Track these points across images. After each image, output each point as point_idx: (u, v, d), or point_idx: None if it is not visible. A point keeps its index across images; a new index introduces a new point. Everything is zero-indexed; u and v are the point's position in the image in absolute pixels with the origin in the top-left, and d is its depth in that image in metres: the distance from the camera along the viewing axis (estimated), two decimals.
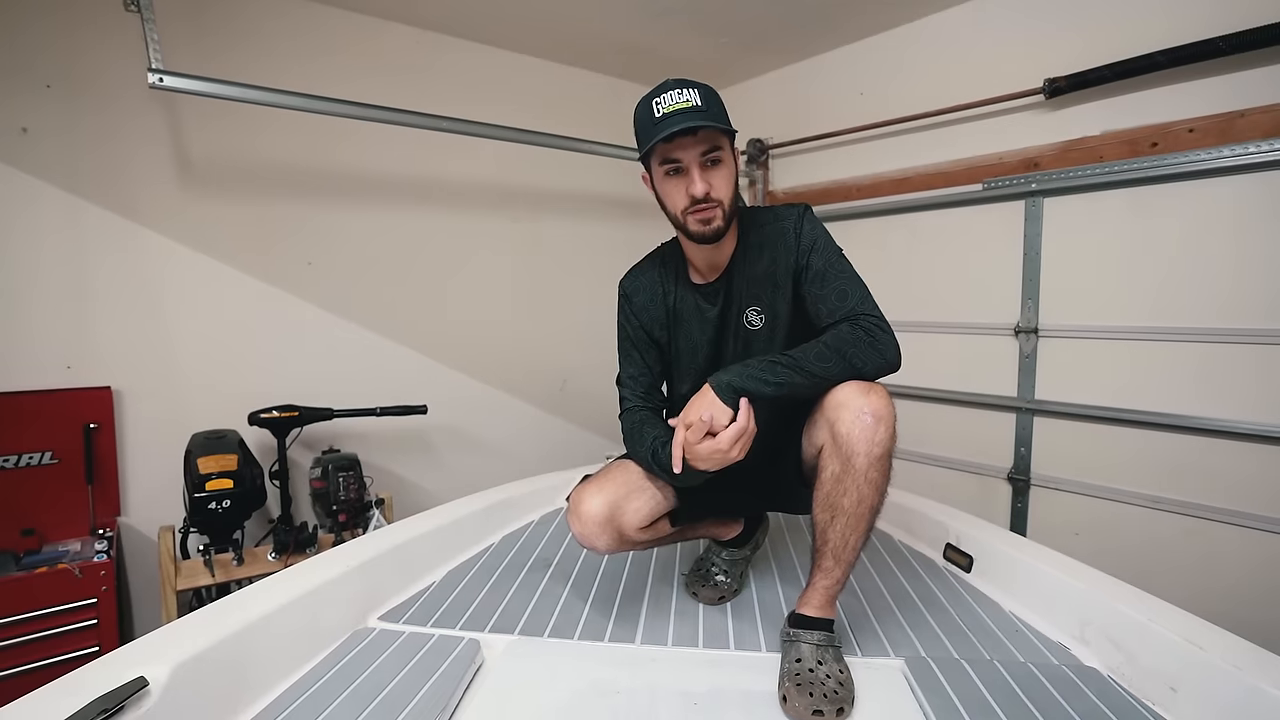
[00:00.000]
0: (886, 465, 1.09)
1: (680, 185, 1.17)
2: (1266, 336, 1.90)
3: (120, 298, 2.20)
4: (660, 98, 1.13)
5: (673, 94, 1.13)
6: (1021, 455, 2.45)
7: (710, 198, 1.15)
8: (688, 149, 1.14)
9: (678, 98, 1.12)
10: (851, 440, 1.07)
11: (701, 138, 1.13)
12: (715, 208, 1.16)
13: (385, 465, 2.74)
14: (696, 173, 1.14)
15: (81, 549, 2.00)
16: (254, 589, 1.23)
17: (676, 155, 1.14)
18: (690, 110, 1.11)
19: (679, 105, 1.11)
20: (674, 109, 1.11)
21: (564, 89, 3.17)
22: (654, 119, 1.13)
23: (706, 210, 1.16)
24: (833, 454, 1.10)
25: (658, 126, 1.12)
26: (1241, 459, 1.96)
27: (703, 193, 1.14)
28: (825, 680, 1.05)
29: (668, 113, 1.12)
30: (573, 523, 1.25)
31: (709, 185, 1.15)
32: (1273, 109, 1.86)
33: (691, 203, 1.16)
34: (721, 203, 1.16)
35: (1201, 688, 1.03)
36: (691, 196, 1.15)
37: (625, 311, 1.37)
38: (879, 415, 1.06)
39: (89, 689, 0.88)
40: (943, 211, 2.65)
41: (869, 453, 1.06)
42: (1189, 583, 2.04)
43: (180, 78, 1.90)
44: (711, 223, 1.17)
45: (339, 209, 2.62)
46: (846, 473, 1.08)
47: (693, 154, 1.14)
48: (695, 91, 1.13)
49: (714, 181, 1.15)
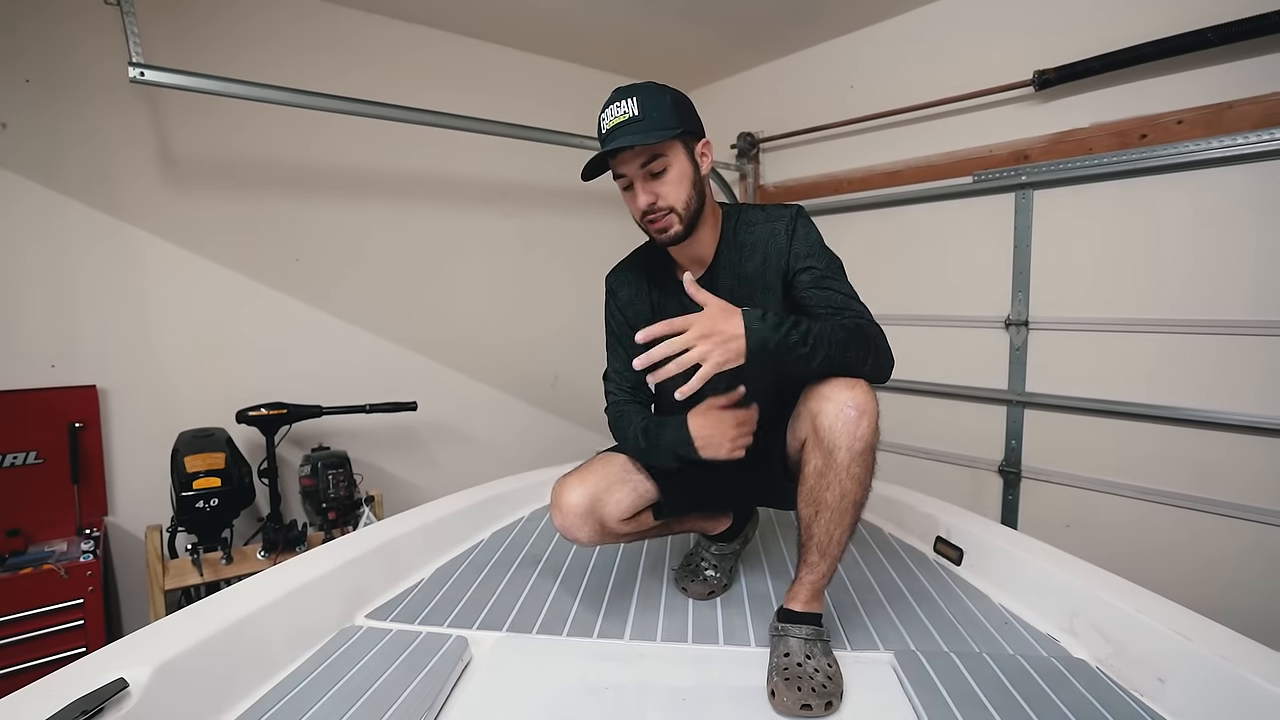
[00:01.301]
0: (870, 459, 1.09)
1: (631, 198, 1.19)
2: (1256, 328, 1.90)
3: (104, 295, 2.18)
4: (605, 112, 1.14)
5: (614, 107, 1.13)
6: (1012, 448, 2.45)
7: (657, 207, 1.16)
8: (628, 163, 1.15)
9: (616, 111, 1.12)
10: (834, 434, 1.06)
11: (638, 151, 1.13)
12: (667, 214, 1.17)
13: (375, 462, 2.72)
14: (639, 185, 1.16)
15: (68, 549, 1.98)
16: (238, 588, 1.22)
17: (621, 171, 1.17)
18: (627, 122, 1.11)
19: (618, 119, 1.12)
20: (615, 123, 1.12)
21: (553, 83, 3.15)
22: (601, 135, 1.15)
23: (659, 219, 1.17)
24: (815, 448, 1.10)
25: (602, 142, 1.14)
26: (1229, 450, 1.96)
27: (646, 204, 1.16)
28: (814, 674, 1.05)
29: (609, 128, 1.13)
30: (554, 514, 1.25)
31: (654, 195, 1.16)
32: (1261, 100, 1.86)
33: (642, 216, 1.18)
34: (673, 208, 1.16)
35: (1189, 679, 1.03)
36: (639, 209, 1.17)
37: (611, 306, 1.37)
38: (861, 409, 1.06)
39: (68, 691, 0.87)
40: (933, 204, 2.64)
41: (851, 447, 1.06)
42: (1178, 573, 2.04)
43: (162, 71, 1.87)
44: (667, 230, 1.18)
45: (327, 205, 2.60)
46: (829, 467, 1.08)
47: (633, 167, 1.15)
48: (633, 101, 1.12)
49: (659, 190, 1.16)
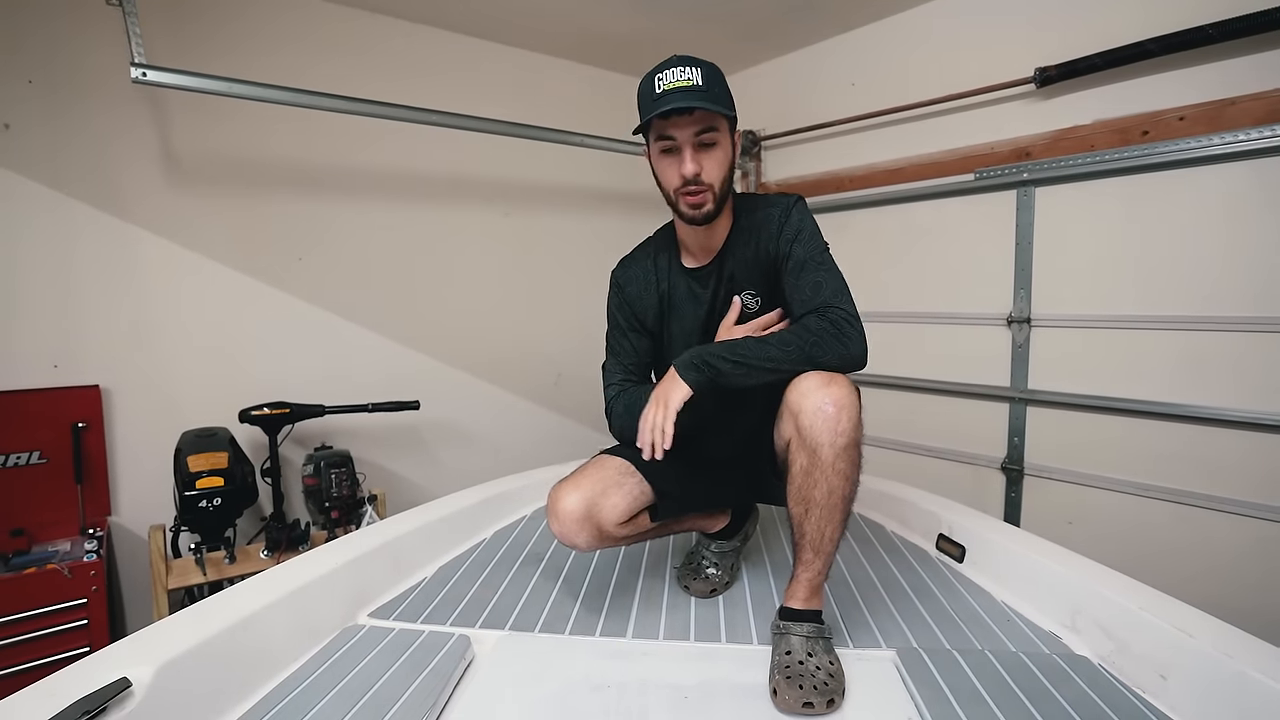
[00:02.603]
0: (855, 454, 1.09)
1: (674, 164, 1.16)
2: (1257, 324, 1.90)
3: (107, 295, 2.18)
4: (663, 73, 1.12)
5: (675, 70, 1.11)
6: (1015, 445, 2.45)
7: (700, 180, 1.14)
8: (682, 128, 1.13)
9: (679, 75, 1.11)
10: (815, 432, 1.06)
11: (697, 118, 1.12)
12: (705, 191, 1.15)
13: (378, 461, 2.72)
14: (689, 153, 1.14)
15: (71, 549, 1.98)
16: (241, 587, 1.22)
17: (671, 133, 1.14)
18: (689, 89, 1.10)
19: (679, 83, 1.10)
20: (674, 86, 1.10)
21: (556, 82, 3.15)
22: (654, 94, 1.12)
23: (697, 194, 1.15)
24: (799, 447, 1.10)
25: (656, 102, 1.11)
26: (1232, 446, 1.96)
27: (692, 174, 1.13)
28: (815, 672, 1.05)
29: (667, 89, 1.10)
30: (551, 521, 1.24)
31: (699, 167, 1.14)
32: (1263, 96, 1.85)
33: (683, 183, 1.15)
34: (712, 186, 1.15)
35: (1192, 675, 1.03)
36: (682, 177, 1.14)
37: (616, 301, 1.36)
38: (840, 404, 1.05)
39: (70, 690, 0.87)
40: (935, 202, 2.63)
41: (833, 444, 1.06)
42: (1180, 570, 2.04)
43: (164, 72, 1.88)
44: (701, 207, 1.16)
45: (329, 204, 2.60)
46: (814, 465, 1.08)
47: (687, 133, 1.13)
48: (698, 70, 1.11)
49: (705, 164, 1.14)
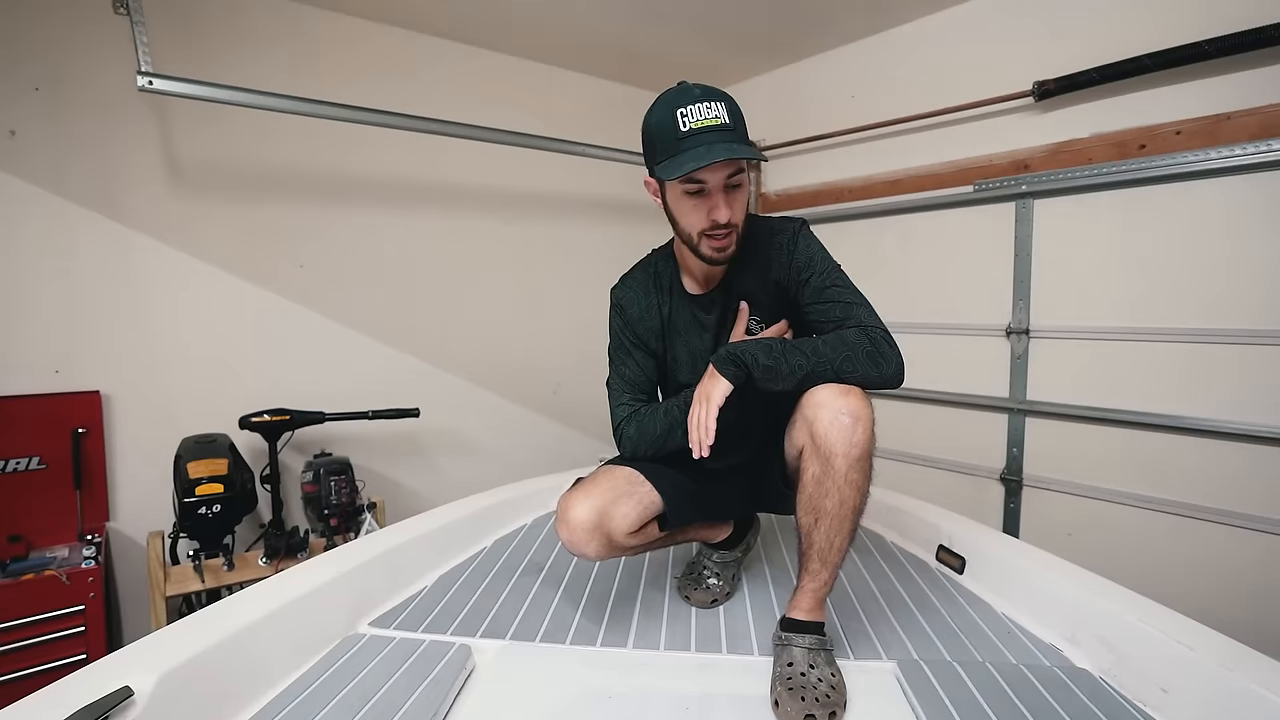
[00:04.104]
0: (867, 466, 1.09)
1: (701, 207, 1.12)
2: (1256, 337, 1.91)
3: (109, 301, 2.19)
4: (687, 109, 1.07)
5: (701, 107, 1.07)
6: (1014, 456, 2.45)
7: (731, 223, 1.13)
8: (715, 172, 1.09)
9: (706, 113, 1.06)
10: (830, 441, 1.06)
11: (730, 162, 1.08)
12: (731, 233, 1.15)
13: (378, 469, 2.72)
14: (721, 198, 1.11)
15: (69, 555, 1.98)
16: (242, 595, 1.22)
17: (705, 178, 1.09)
18: (721, 129, 1.07)
19: (709, 122, 1.06)
20: (704, 125, 1.06)
21: (557, 92, 3.17)
22: (679, 132, 1.07)
23: (724, 238, 1.14)
24: (812, 456, 1.10)
25: (684, 144, 1.06)
26: (1232, 459, 1.97)
27: (726, 219, 1.12)
28: (817, 684, 1.05)
29: (696, 129, 1.06)
30: (561, 530, 1.22)
31: (731, 211, 1.12)
32: (1258, 111, 1.88)
33: (712, 227, 1.13)
34: (737, 227, 1.15)
35: (1192, 689, 1.03)
36: (714, 221, 1.12)
37: (618, 323, 1.36)
38: (856, 415, 1.06)
39: (72, 699, 0.86)
40: (934, 213, 2.66)
41: (848, 454, 1.06)
42: (1180, 583, 2.04)
43: (170, 80, 1.89)
44: (726, 250, 1.16)
45: (332, 212, 2.61)
46: (827, 475, 1.08)
47: (719, 178, 1.10)
48: (723, 106, 1.08)
49: (734, 206, 1.13)
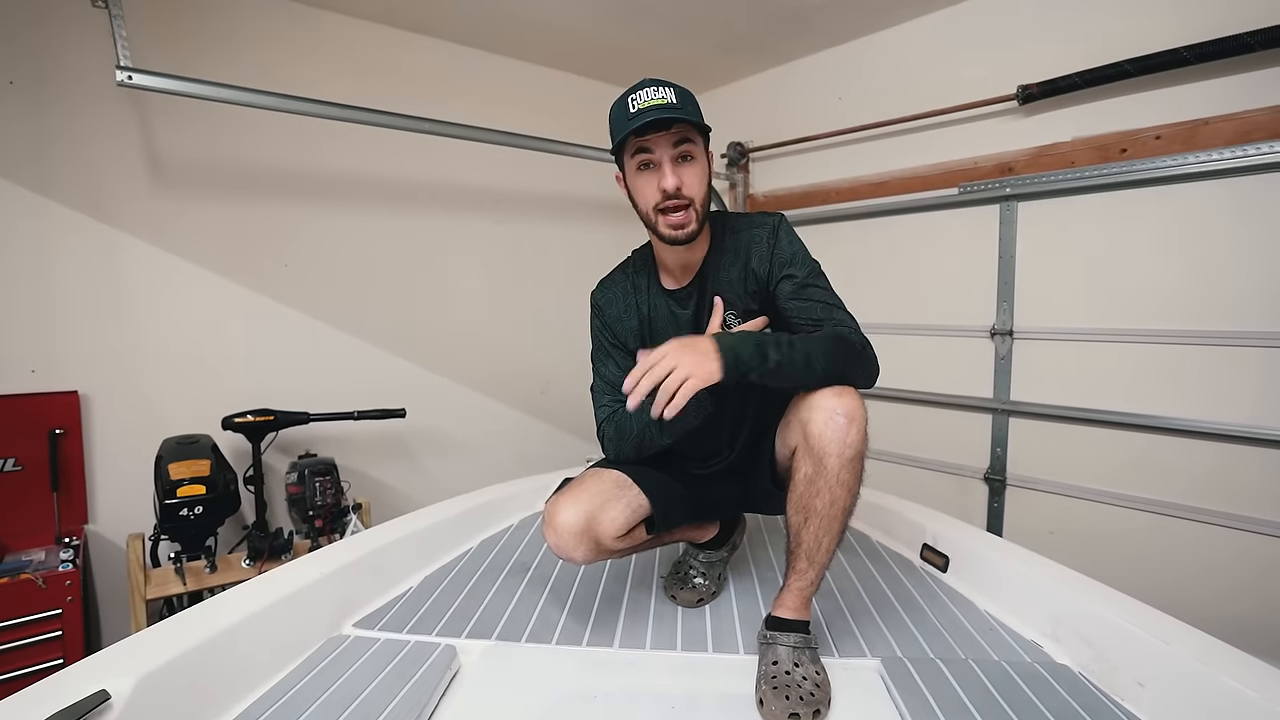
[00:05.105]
0: (859, 466, 1.09)
1: (652, 180, 1.16)
2: (1234, 338, 1.94)
3: (88, 300, 2.15)
4: (636, 95, 1.14)
5: (648, 91, 1.13)
6: (998, 456, 2.48)
7: (681, 194, 1.14)
8: (660, 144, 1.14)
9: (653, 95, 1.13)
10: (824, 441, 1.07)
11: (675, 132, 1.13)
12: (687, 208, 1.16)
13: (363, 470, 2.70)
14: (668, 166, 1.14)
15: (46, 558, 1.94)
16: (223, 597, 1.21)
17: (650, 146, 1.14)
18: (665, 106, 1.12)
19: (654, 102, 1.12)
20: (649, 105, 1.12)
21: (543, 91, 3.17)
22: (628, 115, 1.13)
23: (678, 211, 1.15)
24: (805, 455, 1.10)
25: (631, 121, 1.12)
26: (1210, 458, 2.00)
27: (673, 186, 1.13)
28: (802, 682, 1.05)
29: (642, 108, 1.12)
30: (548, 535, 1.22)
31: (680, 180, 1.14)
32: (1234, 117, 1.91)
33: (663, 197, 1.15)
34: (693, 201, 1.16)
35: (1168, 683, 1.04)
36: (663, 191, 1.14)
37: (598, 324, 1.36)
38: (851, 416, 1.07)
39: (47, 704, 0.85)
40: (919, 215, 2.68)
41: (841, 454, 1.07)
42: (1159, 580, 2.07)
43: (150, 76, 1.86)
44: (684, 226, 1.16)
45: (316, 211, 2.59)
46: (819, 474, 1.08)
47: (665, 148, 1.14)
48: (670, 90, 1.14)
49: (686, 178, 1.15)
